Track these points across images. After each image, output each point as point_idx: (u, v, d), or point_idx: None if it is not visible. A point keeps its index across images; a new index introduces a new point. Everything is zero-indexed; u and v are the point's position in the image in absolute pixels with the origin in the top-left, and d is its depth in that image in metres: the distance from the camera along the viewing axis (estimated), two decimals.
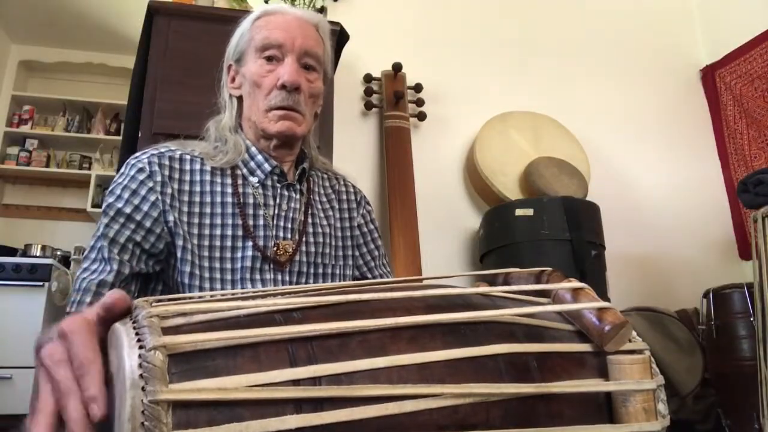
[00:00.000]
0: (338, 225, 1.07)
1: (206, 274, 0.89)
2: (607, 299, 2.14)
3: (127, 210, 0.88)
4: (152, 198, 0.89)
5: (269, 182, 0.98)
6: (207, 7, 1.98)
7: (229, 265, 0.91)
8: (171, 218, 0.89)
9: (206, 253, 0.90)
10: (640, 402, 0.50)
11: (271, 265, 0.93)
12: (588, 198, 2.15)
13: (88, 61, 4.30)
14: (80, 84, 4.39)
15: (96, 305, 0.46)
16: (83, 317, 0.45)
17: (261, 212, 0.95)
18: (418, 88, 2.40)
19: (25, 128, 4.15)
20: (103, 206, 0.91)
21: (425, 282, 0.73)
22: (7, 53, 4.21)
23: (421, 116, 2.39)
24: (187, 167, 0.94)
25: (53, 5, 3.80)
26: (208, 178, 0.95)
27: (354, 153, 2.32)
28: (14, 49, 4.26)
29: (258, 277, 0.92)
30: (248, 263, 0.91)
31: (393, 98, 2.30)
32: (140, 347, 0.40)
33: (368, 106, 2.36)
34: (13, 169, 4.06)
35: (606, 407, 0.51)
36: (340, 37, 2.03)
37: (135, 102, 1.80)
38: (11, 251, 3.47)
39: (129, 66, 2.11)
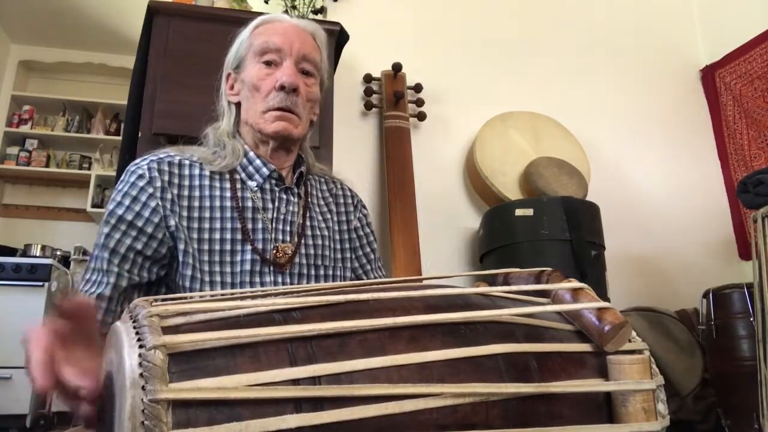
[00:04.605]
0: (336, 228, 1.08)
1: (207, 278, 0.90)
2: (607, 299, 2.14)
3: (129, 217, 0.89)
4: (153, 204, 0.90)
5: (267, 186, 0.99)
6: (207, 7, 1.97)
7: (229, 269, 0.92)
8: (172, 222, 0.90)
9: (206, 257, 0.91)
10: (639, 402, 0.50)
11: (271, 268, 0.94)
12: (588, 198, 2.14)
13: (88, 61, 4.30)
14: (80, 84, 4.39)
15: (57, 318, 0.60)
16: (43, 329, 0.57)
17: (260, 216, 0.96)
18: (418, 88, 2.40)
19: (24, 128, 4.15)
20: (105, 214, 0.92)
21: (425, 282, 0.73)
22: (7, 53, 4.21)
23: (421, 116, 2.39)
24: (186, 172, 0.95)
25: (53, 5, 3.80)
26: (207, 182, 0.96)
27: (354, 153, 2.32)
28: (14, 49, 4.26)
29: (258, 279, 0.93)
30: (248, 267, 0.92)
31: (393, 98, 2.30)
32: (140, 346, 0.40)
33: (368, 106, 2.36)
34: (13, 169, 4.06)
35: (606, 407, 0.51)
36: (340, 37, 2.02)
37: (135, 102, 1.80)
38: (11, 251, 3.47)
39: (129, 66, 2.10)
